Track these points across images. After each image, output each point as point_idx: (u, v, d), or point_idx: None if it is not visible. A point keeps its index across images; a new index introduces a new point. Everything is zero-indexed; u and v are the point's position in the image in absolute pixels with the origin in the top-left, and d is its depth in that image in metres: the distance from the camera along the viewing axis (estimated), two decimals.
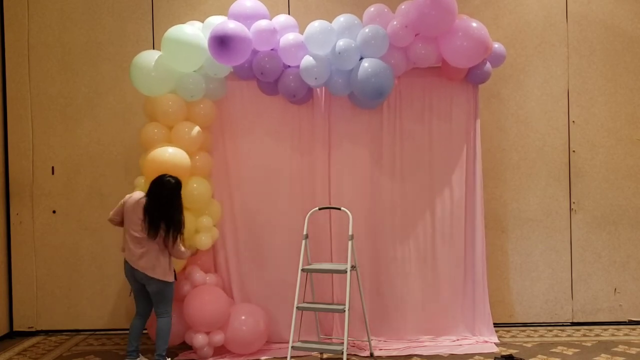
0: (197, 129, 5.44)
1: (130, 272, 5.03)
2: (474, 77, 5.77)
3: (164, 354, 5.04)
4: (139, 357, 5.14)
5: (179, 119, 5.46)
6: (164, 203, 4.94)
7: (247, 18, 5.41)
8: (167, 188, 4.95)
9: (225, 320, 5.40)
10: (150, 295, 5.06)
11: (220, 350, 5.52)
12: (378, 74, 5.30)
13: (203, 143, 5.59)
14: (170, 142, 5.40)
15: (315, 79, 5.39)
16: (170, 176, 5.01)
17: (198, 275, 5.51)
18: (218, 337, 5.38)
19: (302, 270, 5.32)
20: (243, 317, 5.45)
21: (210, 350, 5.42)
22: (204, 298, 5.32)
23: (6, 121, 6.39)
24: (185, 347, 5.62)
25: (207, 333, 5.36)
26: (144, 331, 5.70)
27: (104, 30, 6.36)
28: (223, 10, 5.71)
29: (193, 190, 5.38)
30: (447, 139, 5.92)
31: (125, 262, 5.05)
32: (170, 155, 5.19)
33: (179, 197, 5.03)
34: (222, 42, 5.14)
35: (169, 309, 5.09)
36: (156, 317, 5.10)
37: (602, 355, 5.38)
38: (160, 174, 5.03)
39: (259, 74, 5.48)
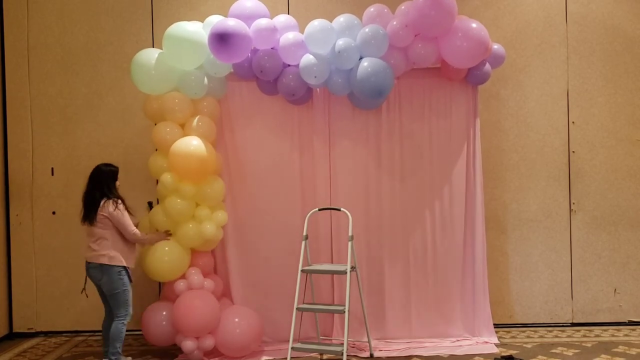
0: (209, 120, 5.48)
1: (87, 271, 5.06)
2: (473, 77, 5.77)
3: (112, 358, 4.92)
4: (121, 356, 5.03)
5: (186, 116, 5.46)
6: (91, 184, 5.06)
7: (248, 18, 5.41)
8: (94, 172, 5.07)
9: (214, 325, 5.30)
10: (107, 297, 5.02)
11: (216, 352, 5.46)
12: (378, 73, 5.29)
13: (214, 139, 5.60)
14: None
15: (315, 77, 5.37)
16: (105, 164, 5.13)
17: (196, 278, 5.39)
18: (208, 342, 5.30)
19: (302, 271, 5.32)
20: (236, 320, 5.36)
21: (200, 354, 5.35)
22: (193, 303, 5.21)
23: (6, 122, 6.39)
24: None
25: (197, 338, 5.28)
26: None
27: (104, 31, 6.36)
28: (223, 11, 5.70)
29: (207, 189, 5.41)
30: (446, 139, 5.92)
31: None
32: (195, 148, 5.22)
33: (106, 180, 5.04)
34: (222, 39, 5.13)
35: (123, 312, 4.96)
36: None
37: (602, 355, 5.37)
38: (187, 166, 5.17)
39: (258, 72, 5.48)
